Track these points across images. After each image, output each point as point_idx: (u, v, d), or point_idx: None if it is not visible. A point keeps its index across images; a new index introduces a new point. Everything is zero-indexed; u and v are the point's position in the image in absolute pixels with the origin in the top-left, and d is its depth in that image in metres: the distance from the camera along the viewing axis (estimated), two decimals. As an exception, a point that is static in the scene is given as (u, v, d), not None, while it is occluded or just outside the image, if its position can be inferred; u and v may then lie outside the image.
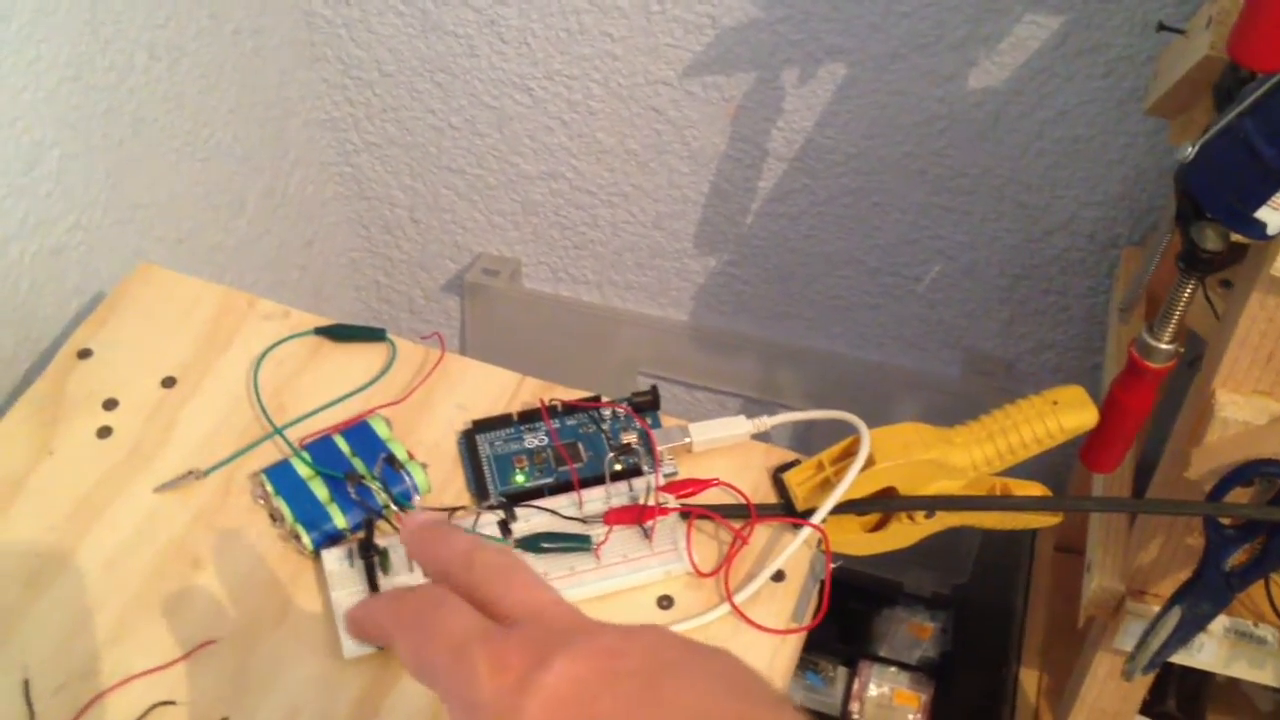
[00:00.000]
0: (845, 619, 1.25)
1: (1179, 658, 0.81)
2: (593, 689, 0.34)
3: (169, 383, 0.70)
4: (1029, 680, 1.06)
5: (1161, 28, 0.79)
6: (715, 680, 0.35)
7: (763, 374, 1.23)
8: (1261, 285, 0.64)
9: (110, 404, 0.68)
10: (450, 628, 0.37)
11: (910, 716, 1.19)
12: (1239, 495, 0.69)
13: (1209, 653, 0.81)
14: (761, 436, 0.69)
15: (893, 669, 1.21)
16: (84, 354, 0.71)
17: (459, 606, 0.38)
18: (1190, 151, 0.59)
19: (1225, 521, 0.70)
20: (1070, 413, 0.65)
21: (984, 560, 1.28)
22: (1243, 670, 0.82)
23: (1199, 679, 0.99)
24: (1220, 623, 0.79)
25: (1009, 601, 1.16)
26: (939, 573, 1.28)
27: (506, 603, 0.38)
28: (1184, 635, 0.77)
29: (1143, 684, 0.87)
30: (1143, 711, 0.97)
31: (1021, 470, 0.67)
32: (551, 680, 0.34)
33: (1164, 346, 0.67)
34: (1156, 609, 0.77)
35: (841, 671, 1.21)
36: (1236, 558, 0.72)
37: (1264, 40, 0.53)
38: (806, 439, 1.18)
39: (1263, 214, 0.57)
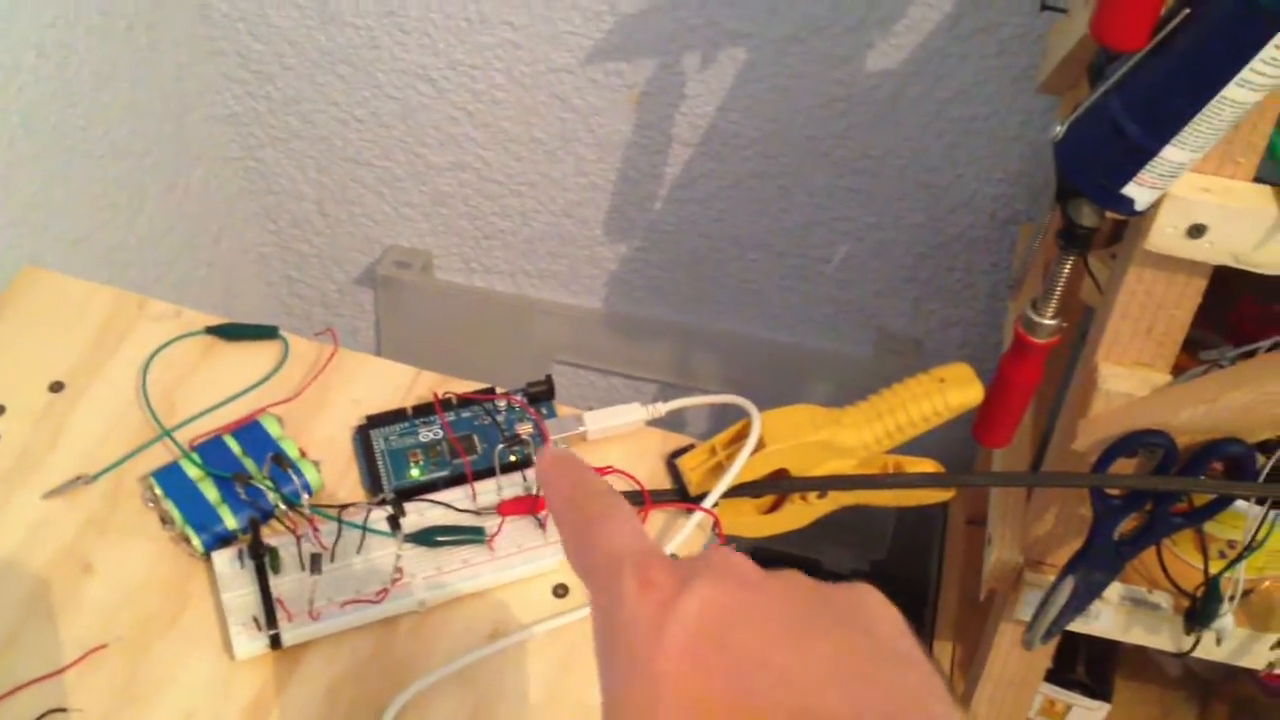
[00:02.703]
0: (765, 597, 1.26)
1: (1078, 626, 0.82)
2: (732, 618, 0.34)
3: (57, 387, 0.69)
4: (943, 653, 1.07)
5: (1044, 7, 0.80)
6: (857, 626, 0.36)
7: (678, 358, 1.23)
8: (1138, 259, 0.65)
9: (-3, 410, 0.68)
10: (612, 538, 0.37)
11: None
12: (1125, 466, 0.71)
13: (1106, 620, 0.83)
14: (659, 422, 0.69)
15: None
16: (-31, 360, 0.70)
17: (626, 520, 0.38)
18: (1060, 130, 0.60)
19: (1111, 492, 0.71)
20: (957, 390, 0.66)
21: (900, 536, 1.29)
22: (1140, 636, 0.84)
23: (1107, 646, 1.01)
24: (1115, 590, 0.81)
25: (925, 575, 1.18)
26: (857, 549, 1.29)
27: (589, 546, 0.38)
28: (1079, 604, 0.78)
29: (1045, 653, 0.88)
30: (1053, 679, 0.99)
31: (930, 442, 0.68)
32: (694, 605, 0.34)
33: (1047, 322, 0.68)
34: (1053, 579, 0.79)
35: (763, 650, 1.22)
36: (1125, 526, 0.73)
37: (1122, 19, 0.54)
38: (718, 424, 1.19)
39: (1130, 190, 0.58)
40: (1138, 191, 0.59)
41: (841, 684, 0.33)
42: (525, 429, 0.67)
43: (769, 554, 1.25)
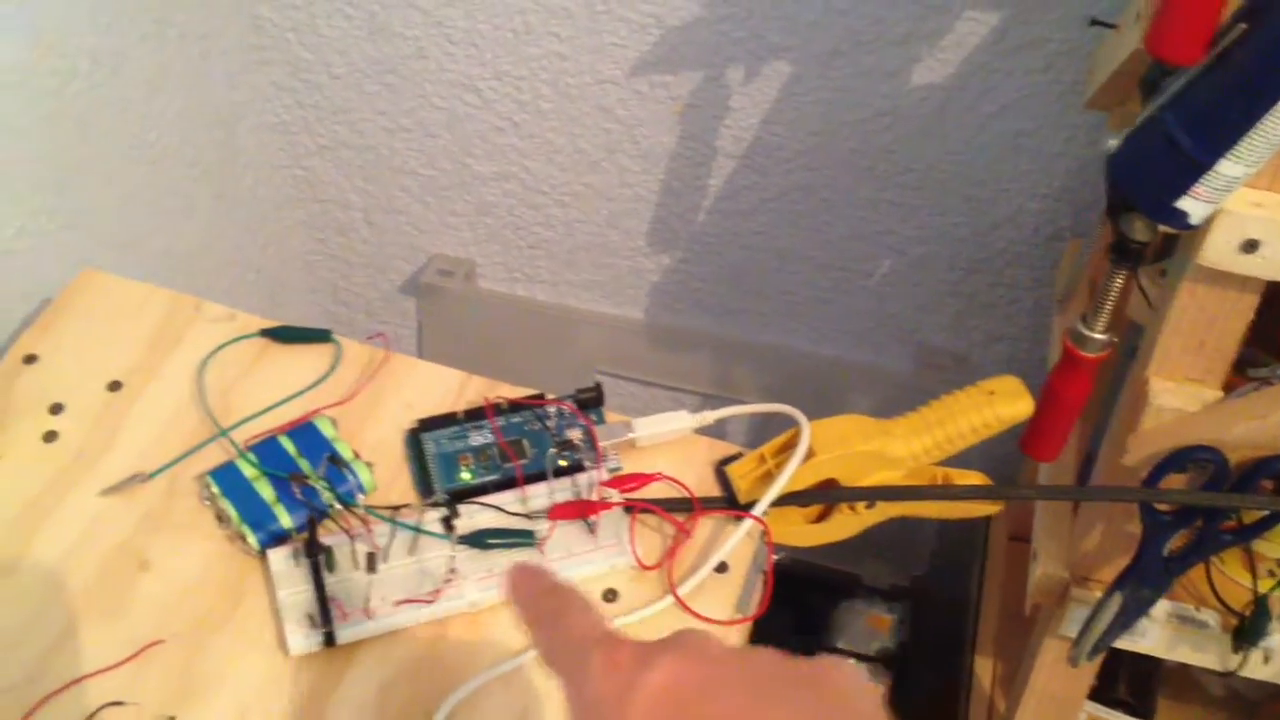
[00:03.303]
0: (803, 611, 1.26)
1: (1124, 643, 0.82)
2: (694, 690, 0.36)
3: (115, 386, 0.70)
4: (984, 669, 1.07)
5: (1094, 23, 0.80)
6: (823, 698, 0.36)
7: (717, 370, 1.24)
8: (1190, 274, 0.65)
9: (56, 408, 0.69)
10: (575, 630, 0.39)
11: (868, 707, 1.20)
12: (1174, 481, 0.71)
13: (1152, 638, 0.82)
14: (705, 430, 0.70)
15: (851, 660, 1.22)
16: (30, 359, 0.71)
17: (586, 612, 0.40)
18: (1114, 144, 0.60)
19: (1161, 507, 0.71)
20: (1006, 403, 0.66)
21: (941, 552, 1.29)
22: (1186, 655, 0.83)
23: (1150, 665, 1.01)
24: (1163, 608, 0.80)
25: (965, 592, 1.18)
26: (896, 564, 1.29)
27: (555, 636, 0.40)
28: (1126, 621, 0.78)
29: (1090, 670, 0.88)
30: (1095, 698, 0.99)
31: (974, 459, 0.68)
32: (657, 678, 0.36)
33: (1098, 336, 0.68)
34: (1100, 595, 0.78)
35: (800, 664, 1.22)
36: (1174, 543, 0.73)
37: (1179, 34, 0.54)
38: (760, 433, 1.19)
39: (1184, 204, 0.58)
40: (1192, 205, 0.59)
41: None
42: (575, 434, 0.67)
43: (810, 567, 1.25)
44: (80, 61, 0.85)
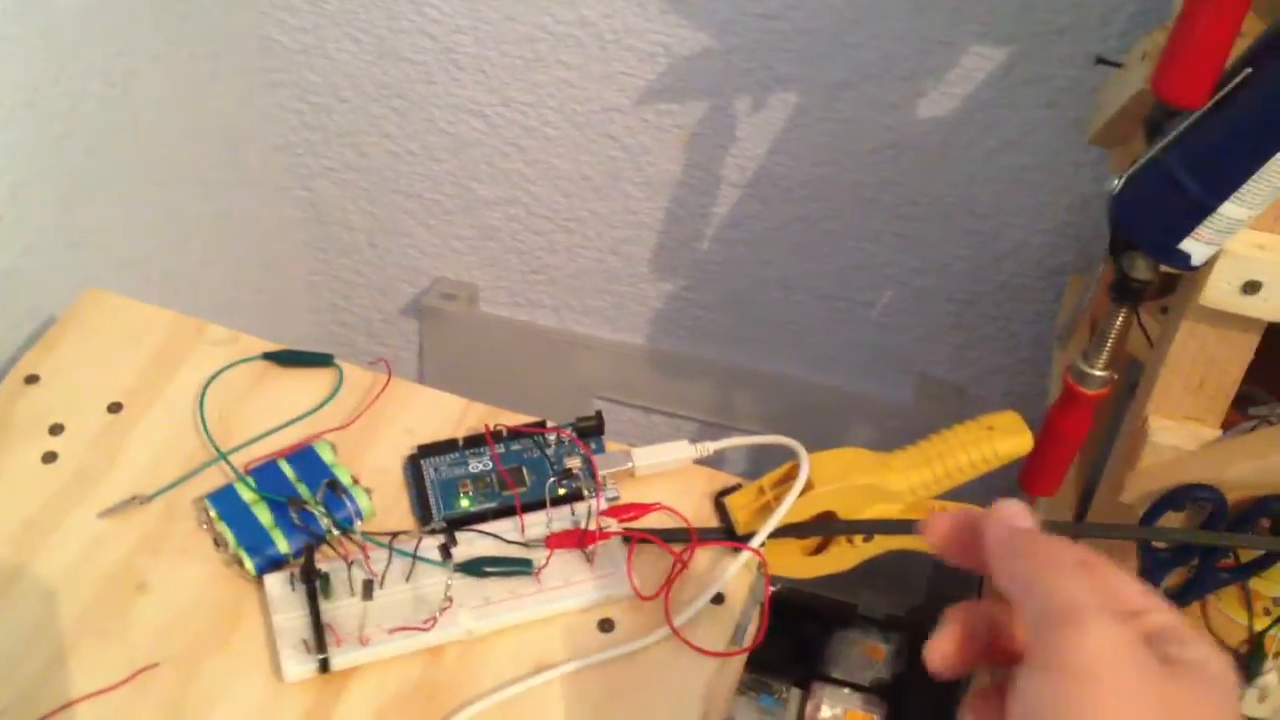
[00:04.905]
0: (799, 640, 1.26)
1: (1119, 679, 0.82)
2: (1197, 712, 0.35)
3: (115, 408, 0.70)
4: (979, 702, 1.06)
5: (1100, 61, 0.80)
6: None
7: (718, 398, 1.24)
8: (1191, 314, 0.65)
9: (56, 429, 0.69)
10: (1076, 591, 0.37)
11: (864, 738, 1.20)
12: (1172, 519, 0.71)
13: (1148, 674, 0.82)
14: (704, 461, 0.70)
15: (846, 690, 1.22)
16: (31, 379, 0.71)
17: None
18: (1117, 184, 0.60)
19: (1158, 545, 0.71)
20: (1005, 438, 0.66)
21: (937, 582, 1.29)
22: (1182, 691, 0.83)
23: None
24: (1159, 645, 0.80)
25: (961, 624, 1.17)
26: (893, 595, 1.29)
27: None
28: (1122, 657, 0.78)
29: (1086, 705, 0.88)
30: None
31: (972, 493, 0.68)
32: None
33: (1098, 373, 0.68)
34: (1096, 631, 0.78)
35: (794, 693, 1.22)
36: (1171, 580, 0.73)
37: (1185, 77, 0.54)
38: (759, 463, 1.19)
39: (1187, 245, 0.59)
40: (1194, 246, 0.59)
41: None
42: (575, 463, 0.67)
43: (806, 596, 1.25)
44: (92, 82, 0.85)
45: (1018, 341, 1.11)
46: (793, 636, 1.25)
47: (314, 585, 0.60)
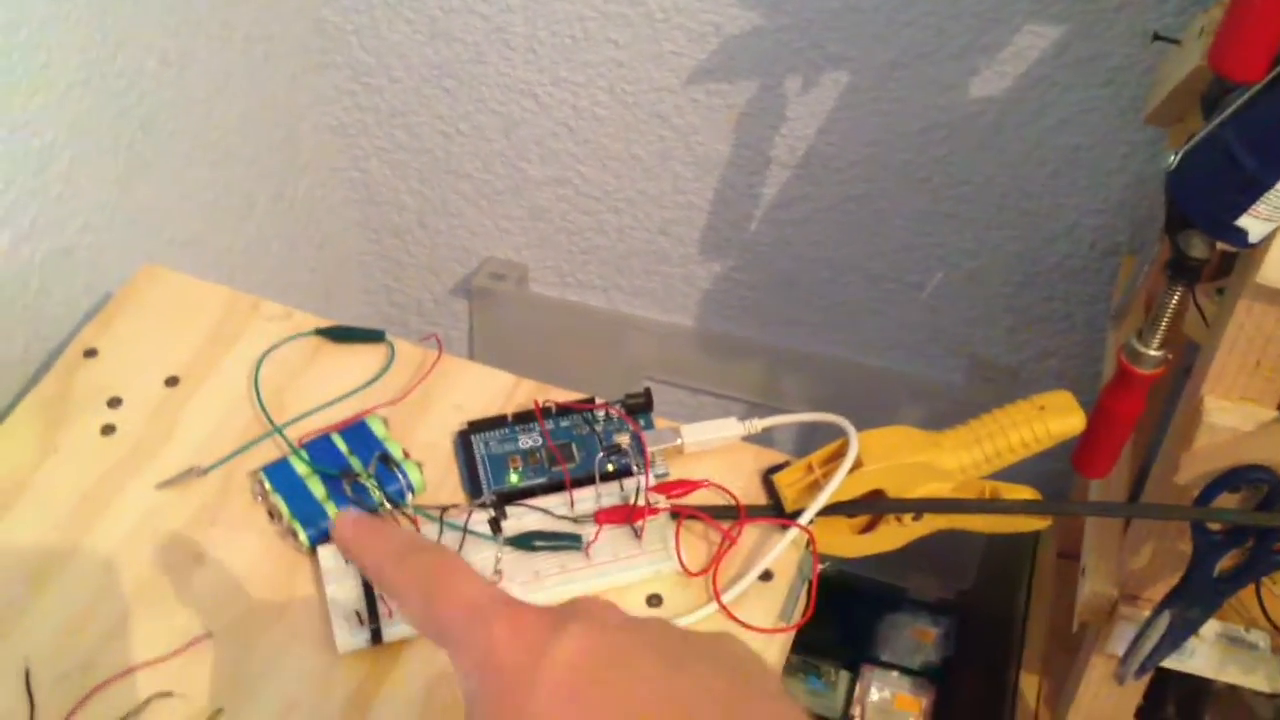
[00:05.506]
0: (848, 623, 1.26)
1: (1171, 663, 0.81)
2: (605, 657, 0.35)
3: (172, 382, 0.71)
4: (1029, 686, 1.06)
5: (1157, 38, 0.79)
6: (722, 664, 0.37)
7: (767, 379, 1.24)
8: (1248, 293, 0.64)
9: (115, 402, 0.70)
10: (466, 590, 0.38)
11: (912, 721, 1.20)
12: (1227, 500, 0.70)
13: (1201, 658, 0.81)
14: (753, 438, 0.70)
15: (895, 673, 1.22)
16: (90, 353, 0.72)
17: (472, 572, 0.39)
18: (1174, 160, 0.59)
19: (1213, 527, 0.71)
20: (1057, 418, 0.66)
21: (987, 566, 1.28)
22: (1234, 675, 0.82)
23: (1198, 685, 0.99)
24: (1212, 628, 0.80)
25: (1011, 607, 1.17)
26: (942, 578, 1.28)
27: (443, 599, 0.39)
28: (1175, 640, 0.77)
29: (1137, 689, 0.87)
30: (1143, 717, 0.98)
31: (1024, 474, 0.68)
32: (568, 646, 0.35)
33: (1152, 353, 0.68)
34: (1148, 614, 0.78)
35: (843, 675, 1.22)
36: (1225, 562, 0.72)
37: (1242, 51, 0.54)
38: (807, 442, 1.19)
39: (1244, 222, 0.58)
40: (1251, 224, 0.58)
41: (714, 712, 0.34)
42: (623, 439, 0.68)
43: (856, 579, 1.25)
44: (148, 61, 0.86)
45: (1072, 324, 1.10)
46: (842, 619, 1.25)
47: (366, 557, 0.61)
